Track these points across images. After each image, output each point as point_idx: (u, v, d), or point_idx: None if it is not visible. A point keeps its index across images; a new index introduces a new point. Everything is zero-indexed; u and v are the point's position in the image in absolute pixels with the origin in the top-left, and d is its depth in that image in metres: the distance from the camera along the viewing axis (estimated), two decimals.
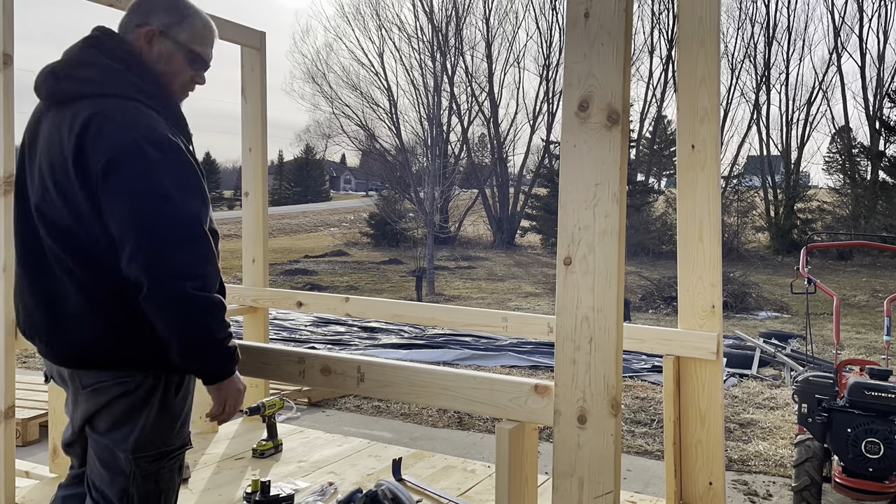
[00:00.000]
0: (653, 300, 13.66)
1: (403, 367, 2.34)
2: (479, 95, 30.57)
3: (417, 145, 25.45)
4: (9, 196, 2.99)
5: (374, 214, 29.11)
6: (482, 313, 3.83)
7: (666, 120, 31.24)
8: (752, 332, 10.10)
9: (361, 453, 3.92)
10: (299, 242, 31.01)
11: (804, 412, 3.60)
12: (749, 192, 27.97)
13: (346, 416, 5.80)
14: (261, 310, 4.36)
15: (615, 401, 1.85)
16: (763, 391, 6.60)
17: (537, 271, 20.98)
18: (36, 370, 7.34)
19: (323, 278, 18.77)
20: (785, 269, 20.91)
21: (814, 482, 3.56)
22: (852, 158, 27.45)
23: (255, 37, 4.21)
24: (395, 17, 39.11)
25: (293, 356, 2.52)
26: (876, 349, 9.01)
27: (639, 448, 5.01)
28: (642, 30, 29.85)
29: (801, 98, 29.00)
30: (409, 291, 16.12)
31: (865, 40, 28.53)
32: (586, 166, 1.85)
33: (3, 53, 2.99)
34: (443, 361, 7.73)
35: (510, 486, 2.07)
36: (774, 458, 4.80)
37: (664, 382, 3.19)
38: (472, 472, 3.65)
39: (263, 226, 4.35)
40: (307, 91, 49.31)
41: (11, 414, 3.07)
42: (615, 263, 1.83)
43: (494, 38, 30.25)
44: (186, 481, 3.44)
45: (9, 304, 3.07)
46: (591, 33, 1.84)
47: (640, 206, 26.59)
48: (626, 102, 1.84)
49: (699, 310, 3.13)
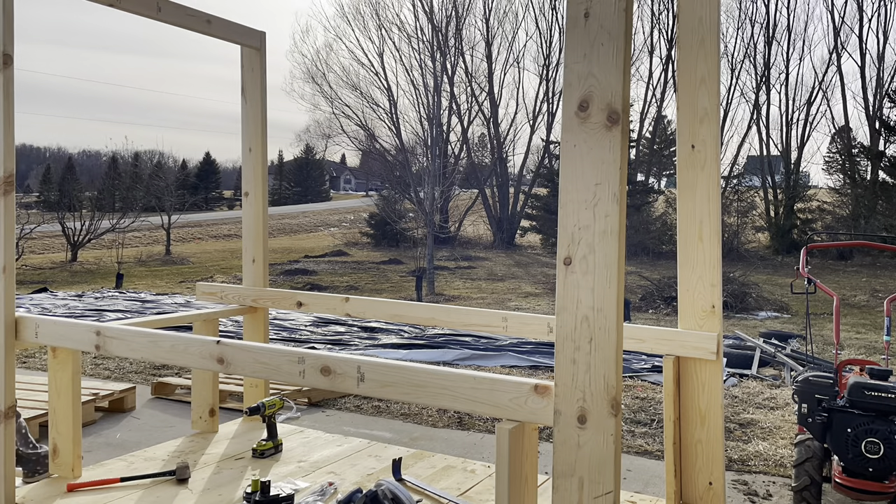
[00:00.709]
0: (653, 300, 13.66)
1: (403, 367, 2.34)
2: (479, 95, 30.62)
3: (417, 145, 25.47)
4: (9, 196, 2.99)
5: (374, 214, 29.13)
6: (482, 313, 3.83)
7: (666, 120, 31.25)
8: (752, 332, 10.10)
9: (361, 453, 3.92)
10: (299, 242, 31.02)
11: (804, 412, 3.60)
12: (749, 192, 27.99)
13: (346, 416, 5.80)
14: (261, 310, 4.36)
15: (615, 401, 1.85)
16: (763, 391, 6.60)
17: (537, 271, 20.98)
18: (36, 370, 7.34)
19: (323, 278, 18.77)
20: (785, 269, 20.92)
21: (814, 482, 3.56)
22: (852, 158, 27.46)
23: (255, 37, 4.21)
24: (395, 17, 39.09)
25: (293, 356, 2.51)
26: (876, 349, 9.01)
27: (639, 448, 5.01)
28: (642, 30, 29.90)
29: (801, 98, 29.05)
30: (409, 291, 16.12)
31: (865, 40, 28.56)
32: (586, 166, 1.85)
33: (3, 53, 2.98)
34: (443, 361, 7.73)
35: (510, 486, 2.07)
36: (774, 458, 4.80)
37: (664, 382, 3.19)
38: (472, 472, 3.65)
39: (263, 226, 4.35)
40: (307, 91, 49.30)
41: (11, 414, 3.08)
42: (615, 263, 1.83)
43: (494, 38, 30.31)
44: (186, 481, 3.44)
45: (9, 304, 3.07)
46: (591, 33, 1.84)
47: (640, 206, 26.60)
48: (626, 102, 1.84)
49: (699, 310, 3.13)
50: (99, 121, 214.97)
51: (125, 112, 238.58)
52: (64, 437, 3.37)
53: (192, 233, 35.58)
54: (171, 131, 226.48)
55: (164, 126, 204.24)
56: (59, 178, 50.24)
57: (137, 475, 3.44)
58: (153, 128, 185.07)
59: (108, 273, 20.82)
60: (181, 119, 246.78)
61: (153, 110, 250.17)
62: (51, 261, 24.77)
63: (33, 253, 27.11)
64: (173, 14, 3.63)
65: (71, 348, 3.22)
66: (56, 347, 3.28)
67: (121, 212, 28.16)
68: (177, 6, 3.65)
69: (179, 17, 3.67)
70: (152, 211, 29.09)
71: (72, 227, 25.67)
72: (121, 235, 25.94)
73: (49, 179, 53.03)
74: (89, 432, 5.28)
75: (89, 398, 5.53)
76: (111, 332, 2.97)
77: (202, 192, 50.26)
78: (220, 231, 36.58)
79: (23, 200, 45.57)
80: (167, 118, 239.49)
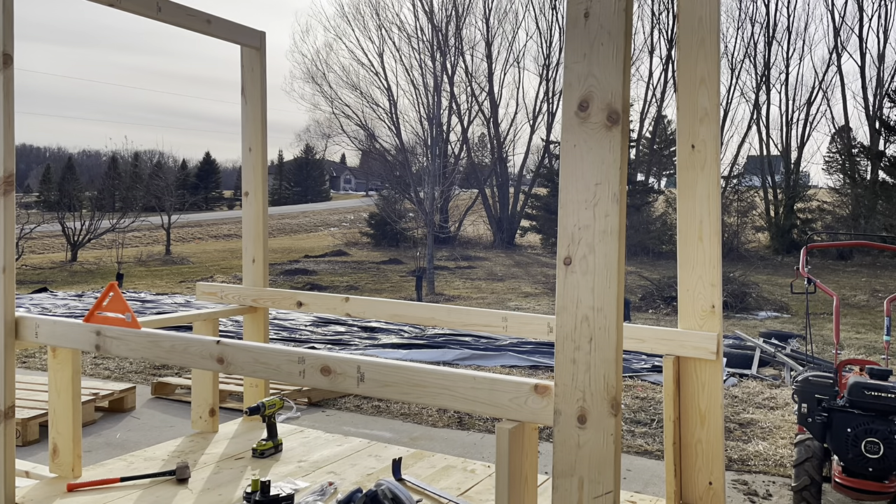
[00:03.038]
0: (653, 300, 13.66)
1: (403, 367, 2.34)
2: (479, 95, 30.60)
3: (417, 145, 25.45)
4: (9, 196, 2.99)
5: (374, 214, 29.12)
6: (482, 313, 3.83)
7: (666, 120, 31.24)
8: (752, 332, 10.10)
9: (361, 453, 3.92)
10: (299, 242, 31.02)
11: (804, 412, 3.60)
12: (749, 192, 27.97)
13: (346, 416, 5.80)
14: (261, 310, 4.36)
15: (615, 401, 1.85)
16: (763, 391, 6.60)
17: (537, 271, 20.98)
18: (36, 370, 7.34)
19: (323, 278, 18.77)
20: (785, 269, 20.91)
21: (814, 482, 3.56)
22: (852, 158, 27.45)
23: (255, 37, 4.21)
24: (395, 17, 39.09)
25: (293, 356, 2.52)
26: (876, 349, 9.01)
27: (639, 448, 5.01)
28: (642, 30, 29.88)
29: (801, 98, 29.03)
30: (409, 291, 16.12)
31: (865, 40, 28.54)
32: (586, 166, 1.85)
33: (3, 53, 2.98)
34: (443, 361, 7.73)
35: (510, 486, 2.07)
36: (774, 458, 4.80)
37: (664, 382, 3.19)
38: (472, 471, 3.65)
39: (263, 226, 4.35)
40: (307, 91, 49.35)
41: (11, 414, 3.08)
42: (615, 263, 1.83)
43: (494, 37, 30.28)
44: (186, 481, 3.44)
45: (9, 304, 3.07)
46: (591, 33, 1.84)
47: (640, 206, 26.60)
48: (626, 102, 1.84)
49: (699, 310, 3.13)
50: (98, 121, 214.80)
51: (126, 112, 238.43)
52: (64, 436, 3.37)
53: (192, 233, 35.58)
54: (172, 131, 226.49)
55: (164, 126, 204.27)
56: (59, 177, 50.23)
57: (137, 475, 3.44)
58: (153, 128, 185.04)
59: (107, 273, 20.83)
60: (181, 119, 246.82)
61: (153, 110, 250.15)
62: (51, 261, 24.78)
63: (33, 253, 27.13)
64: (173, 14, 3.64)
65: (71, 348, 3.22)
66: (56, 347, 3.28)
67: (121, 212, 28.17)
68: (177, 6, 3.65)
69: (179, 17, 3.67)
70: (152, 211, 29.10)
71: (72, 227, 25.67)
72: (121, 235, 25.95)
73: (49, 179, 53.04)
74: (89, 432, 5.28)
75: (89, 398, 5.53)
76: (111, 332, 2.97)
77: (202, 192, 50.29)
78: (220, 231, 36.59)
79: (23, 200, 45.56)
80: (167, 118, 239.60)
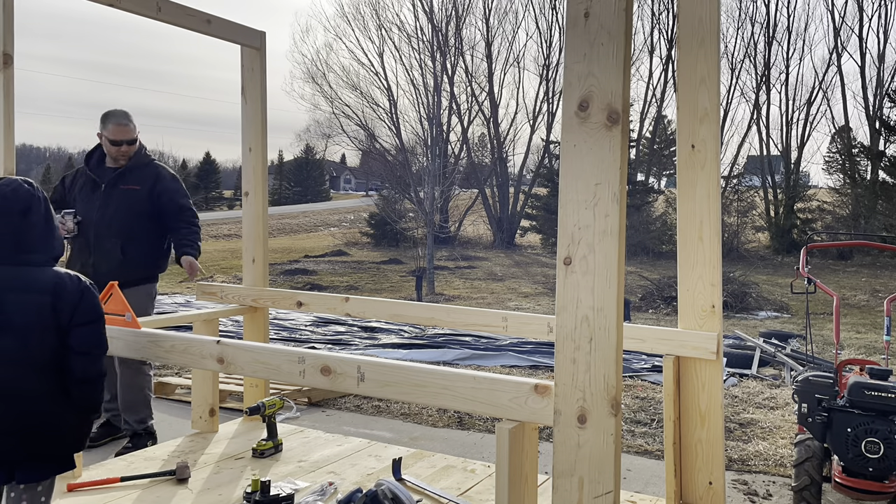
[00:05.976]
0: (653, 300, 13.66)
1: (403, 367, 2.34)
2: (479, 95, 30.58)
3: (417, 145, 25.45)
4: None
5: (374, 214, 29.11)
6: (482, 313, 3.83)
7: (666, 120, 31.24)
8: (752, 331, 10.10)
9: (361, 453, 3.92)
10: (299, 242, 31.02)
11: (804, 412, 3.60)
12: (749, 192, 27.96)
13: (346, 415, 5.80)
14: (261, 310, 4.36)
15: (615, 400, 1.85)
16: (763, 391, 6.60)
17: (537, 271, 20.98)
18: None
19: (323, 278, 18.77)
20: (785, 268, 20.91)
21: (814, 482, 3.56)
22: (852, 158, 27.44)
23: (255, 37, 4.21)
24: (395, 17, 39.14)
25: (293, 356, 2.52)
26: (876, 349, 9.01)
27: (639, 448, 5.01)
28: (642, 30, 29.88)
29: (801, 98, 29.01)
30: (409, 291, 16.12)
31: (865, 40, 28.51)
32: (586, 166, 1.85)
33: (3, 53, 2.99)
34: (443, 361, 7.73)
35: (510, 486, 2.07)
36: (774, 458, 4.80)
37: (664, 382, 3.19)
38: (472, 471, 3.65)
39: (263, 226, 4.35)
40: (307, 91, 49.34)
41: None
42: (615, 263, 1.83)
43: (494, 38, 30.27)
44: (186, 481, 3.44)
45: None
46: (591, 33, 1.84)
47: (640, 206, 26.59)
48: (626, 102, 1.84)
49: (699, 309, 3.13)
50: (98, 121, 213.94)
51: None
52: None
53: None
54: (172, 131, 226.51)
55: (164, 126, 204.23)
56: (59, 177, 50.24)
57: (137, 475, 3.44)
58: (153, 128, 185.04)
59: None
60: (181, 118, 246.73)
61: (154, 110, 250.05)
62: None
63: None
64: (173, 14, 3.64)
65: None
66: None
67: None
68: (177, 6, 3.65)
69: (179, 17, 3.67)
70: None
71: None
72: None
73: (49, 179, 53.04)
74: None
75: None
76: (111, 333, 2.96)
77: (202, 192, 50.27)
78: (220, 231, 36.57)
79: None
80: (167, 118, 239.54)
